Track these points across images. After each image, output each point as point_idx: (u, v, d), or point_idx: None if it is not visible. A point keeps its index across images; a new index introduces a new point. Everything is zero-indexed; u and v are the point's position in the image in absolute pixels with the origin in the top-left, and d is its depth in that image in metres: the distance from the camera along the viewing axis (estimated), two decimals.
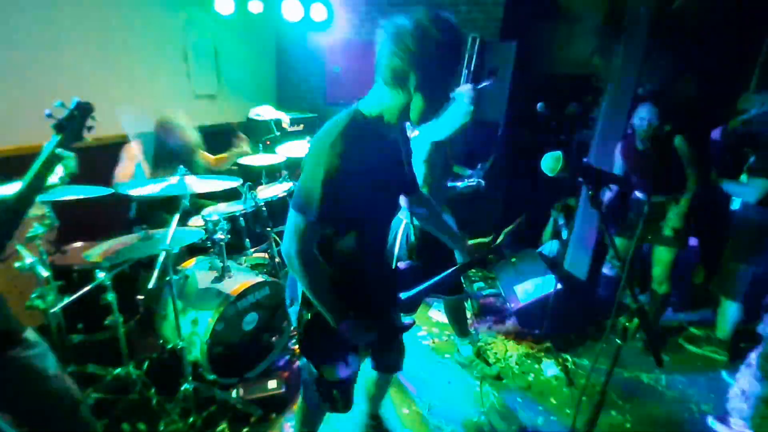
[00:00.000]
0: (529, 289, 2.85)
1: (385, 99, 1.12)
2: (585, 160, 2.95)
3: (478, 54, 3.80)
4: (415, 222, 2.09)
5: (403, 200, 1.46)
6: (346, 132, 1.10)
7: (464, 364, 2.49)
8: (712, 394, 2.34)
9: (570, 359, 2.59)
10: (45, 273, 1.86)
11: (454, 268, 1.43)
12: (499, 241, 1.47)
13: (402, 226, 2.17)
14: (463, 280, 2.38)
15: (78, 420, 1.42)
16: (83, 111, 1.34)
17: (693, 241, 2.98)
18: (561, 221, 3.37)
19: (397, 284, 1.41)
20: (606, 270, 3.01)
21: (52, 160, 1.24)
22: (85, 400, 1.51)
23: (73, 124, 1.31)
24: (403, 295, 1.37)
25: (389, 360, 1.69)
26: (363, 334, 1.25)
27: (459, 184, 2.82)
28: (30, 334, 1.33)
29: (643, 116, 2.45)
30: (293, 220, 1.14)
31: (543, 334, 2.75)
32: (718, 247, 2.62)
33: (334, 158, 1.06)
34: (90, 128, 1.37)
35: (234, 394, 2.06)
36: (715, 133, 2.89)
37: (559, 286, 2.62)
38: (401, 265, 1.45)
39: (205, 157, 2.92)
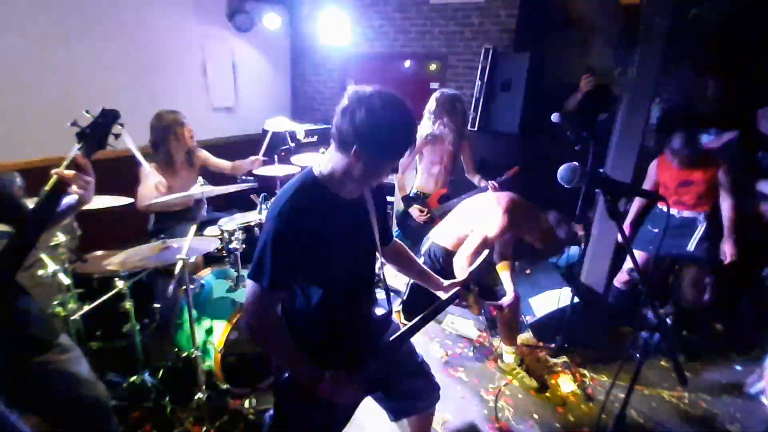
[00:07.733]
0: (545, 301, 2.80)
1: (334, 158, 1.16)
2: (601, 170, 2.90)
3: (491, 65, 3.82)
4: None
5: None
6: (294, 198, 1.14)
7: (506, 371, 2.49)
8: (738, 414, 2.25)
9: (588, 374, 2.52)
10: (67, 281, 1.91)
11: (433, 306, 1.43)
12: (465, 277, 1.57)
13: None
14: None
15: (108, 429, 1.40)
16: (108, 118, 1.30)
17: None
18: (580, 233, 3.31)
19: (376, 332, 1.41)
20: (616, 282, 2.94)
21: (61, 182, 1.17)
22: (113, 410, 1.47)
23: (96, 132, 1.28)
24: (390, 339, 1.35)
25: (399, 405, 1.60)
26: (345, 392, 1.21)
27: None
28: (64, 339, 1.33)
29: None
30: (250, 289, 1.16)
31: (559, 348, 2.68)
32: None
33: (281, 226, 1.10)
34: (117, 135, 1.33)
35: (247, 404, 2.06)
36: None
37: (576, 299, 2.57)
38: (377, 313, 1.44)
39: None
